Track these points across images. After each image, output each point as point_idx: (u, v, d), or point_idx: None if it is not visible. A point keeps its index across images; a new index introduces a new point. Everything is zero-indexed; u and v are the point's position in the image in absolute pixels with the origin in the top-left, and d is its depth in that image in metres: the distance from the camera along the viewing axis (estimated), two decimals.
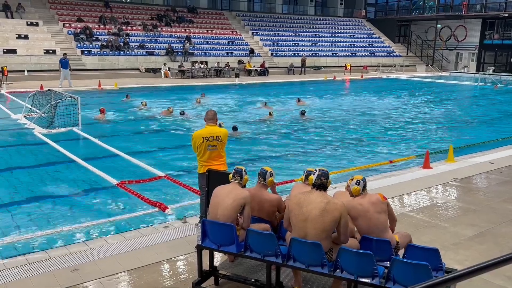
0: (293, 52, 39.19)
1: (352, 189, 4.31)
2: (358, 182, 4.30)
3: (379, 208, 4.23)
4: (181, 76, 30.73)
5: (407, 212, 6.90)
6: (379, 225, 4.22)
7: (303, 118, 16.17)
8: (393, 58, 43.76)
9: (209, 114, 5.96)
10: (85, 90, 22.32)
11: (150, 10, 37.60)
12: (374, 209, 4.22)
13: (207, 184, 5.54)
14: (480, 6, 43.41)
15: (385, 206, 4.29)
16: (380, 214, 4.23)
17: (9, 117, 15.33)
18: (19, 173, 9.10)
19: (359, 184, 4.29)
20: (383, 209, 4.26)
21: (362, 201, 4.26)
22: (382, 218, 4.25)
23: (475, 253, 5.51)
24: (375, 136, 13.96)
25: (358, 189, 4.29)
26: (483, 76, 35.64)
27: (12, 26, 28.76)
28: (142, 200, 7.39)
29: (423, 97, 24.57)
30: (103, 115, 15.28)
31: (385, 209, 4.28)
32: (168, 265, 5.15)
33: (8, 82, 23.35)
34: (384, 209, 4.28)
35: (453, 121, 17.38)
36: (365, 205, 4.23)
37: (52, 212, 7.04)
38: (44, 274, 4.82)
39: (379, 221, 4.22)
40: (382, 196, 4.34)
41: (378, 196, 4.31)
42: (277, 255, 4.16)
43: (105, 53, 29.97)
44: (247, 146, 11.99)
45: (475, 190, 8.15)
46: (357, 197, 4.30)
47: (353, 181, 4.34)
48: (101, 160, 10.14)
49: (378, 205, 4.24)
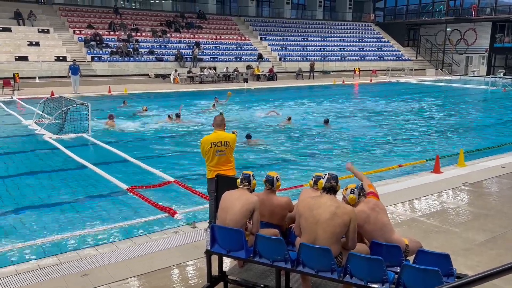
0: (302, 57, 39.20)
1: (348, 198, 4.32)
2: (353, 191, 4.32)
3: (377, 209, 4.26)
4: (190, 81, 30.87)
5: (417, 217, 6.84)
6: (383, 227, 4.22)
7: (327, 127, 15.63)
8: (402, 62, 43.59)
9: (217, 120, 5.98)
10: (93, 96, 22.50)
11: (159, 16, 37.88)
12: (374, 212, 4.23)
13: (216, 189, 5.55)
14: (490, 9, 43.15)
15: (381, 204, 4.33)
16: (380, 214, 4.24)
17: (21, 123, 15.50)
18: (29, 178, 9.18)
19: (353, 192, 4.32)
20: (381, 208, 4.29)
21: (362, 208, 4.26)
22: (384, 218, 4.27)
23: (486, 258, 5.44)
24: (384, 140, 13.88)
25: (353, 197, 4.31)
26: (494, 80, 35.35)
27: (23, 33, 29.14)
28: (152, 205, 7.42)
29: (432, 101, 24.41)
30: (112, 121, 15.34)
31: (382, 207, 4.32)
32: (178, 270, 5.15)
33: (20, 88, 23.62)
34: (382, 207, 4.32)
35: (464, 125, 17.24)
36: (366, 211, 4.24)
37: (62, 217, 7.09)
38: (54, 279, 4.85)
39: (382, 222, 4.23)
40: (375, 196, 4.37)
41: (373, 199, 4.35)
42: (286, 260, 4.14)
43: (115, 59, 30.23)
44: (262, 153, 11.99)
45: (486, 195, 8.07)
46: (356, 206, 4.29)
47: (348, 190, 4.35)
48: (111, 166, 10.21)
49: (375, 207, 4.26)
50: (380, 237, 4.20)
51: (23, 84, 24.34)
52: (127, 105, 19.50)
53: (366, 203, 4.31)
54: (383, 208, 4.33)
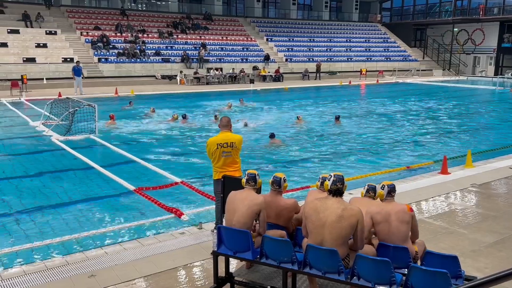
0: (308, 58, 39.15)
1: (378, 193, 4.43)
2: (383, 187, 4.41)
3: (401, 218, 4.21)
4: (196, 82, 30.93)
5: (425, 219, 6.80)
6: (399, 234, 4.18)
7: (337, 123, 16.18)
8: (409, 62, 43.40)
9: (223, 121, 5.98)
10: (100, 97, 22.60)
11: (165, 18, 38.00)
12: (396, 217, 4.20)
13: (223, 190, 5.55)
14: (498, 9, 42.83)
15: (409, 217, 4.25)
16: (401, 223, 4.20)
17: (28, 124, 15.60)
18: (37, 179, 9.24)
19: (383, 188, 4.40)
20: (405, 219, 4.22)
21: (385, 207, 4.27)
22: (403, 228, 4.21)
23: (495, 260, 5.40)
24: (392, 141, 13.82)
25: (382, 193, 4.38)
26: (502, 80, 35.10)
27: (31, 35, 29.34)
28: (159, 206, 7.44)
29: (439, 102, 24.28)
30: (113, 121, 15.43)
31: (408, 220, 4.24)
32: (184, 271, 5.16)
33: (28, 90, 23.79)
34: (407, 220, 4.24)
35: (471, 126, 17.13)
36: (388, 211, 4.23)
37: (70, 218, 7.12)
38: (62, 280, 4.87)
39: (399, 229, 4.19)
40: (409, 207, 4.33)
41: (405, 206, 4.31)
42: (293, 262, 4.13)
43: (122, 61, 30.36)
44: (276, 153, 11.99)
45: (494, 196, 8.01)
46: (382, 203, 4.31)
47: (380, 185, 4.46)
48: (118, 167, 10.24)
49: (401, 214, 4.22)
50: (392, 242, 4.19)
51: (30, 86, 24.50)
52: (133, 106, 19.58)
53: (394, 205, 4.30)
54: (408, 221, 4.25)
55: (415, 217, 4.35)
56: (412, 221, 4.29)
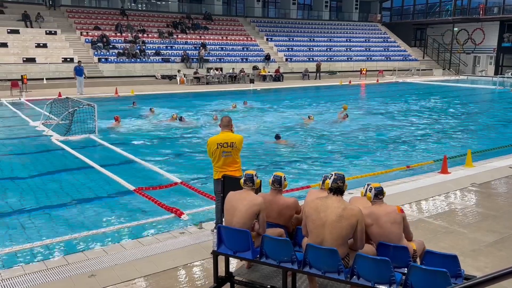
0: (308, 57, 39.16)
1: (366, 196, 4.39)
2: (370, 189, 4.36)
3: (392, 219, 4.20)
4: (196, 82, 30.94)
5: (425, 218, 6.81)
6: (391, 235, 4.18)
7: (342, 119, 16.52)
8: (409, 62, 43.41)
9: (224, 121, 5.98)
10: (100, 97, 22.60)
11: (165, 18, 38.01)
12: (387, 218, 4.19)
13: (223, 190, 5.55)
14: (498, 8, 42.84)
15: (400, 218, 4.24)
16: (392, 224, 4.19)
17: (28, 124, 15.61)
18: (37, 179, 9.24)
19: (370, 191, 4.35)
20: (396, 220, 4.21)
21: (376, 209, 4.25)
22: (395, 228, 4.20)
23: (495, 259, 5.40)
24: (392, 141, 13.82)
25: (369, 195, 4.35)
26: (502, 80, 35.10)
27: (31, 35, 29.36)
28: (159, 206, 7.44)
29: (439, 101, 24.28)
30: (118, 122, 15.40)
31: (399, 221, 4.23)
32: (184, 271, 5.16)
33: (28, 90, 23.79)
34: (398, 220, 4.23)
35: (471, 125, 17.13)
36: (379, 213, 4.22)
37: (70, 218, 7.12)
38: (62, 280, 4.88)
39: (391, 231, 4.18)
40: (399, 208, 4.32)
41: (395, 207, 4.30)
42: (293, 261, 4.13)
43: (122, 61, 30.37)
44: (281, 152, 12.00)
45: (494, 195, 8.01)
46: (374, 205, 4.30)
47: (368, 187, 4.41)
48: (118, 166, 10.25)
49: (392, 215, 4.21)
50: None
51: (31, 86, 24.51)
52: (136, 106, 19.58)
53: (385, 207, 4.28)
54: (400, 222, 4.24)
55: (406, 218, 4.35)
56: (404, 221, 4.30)
